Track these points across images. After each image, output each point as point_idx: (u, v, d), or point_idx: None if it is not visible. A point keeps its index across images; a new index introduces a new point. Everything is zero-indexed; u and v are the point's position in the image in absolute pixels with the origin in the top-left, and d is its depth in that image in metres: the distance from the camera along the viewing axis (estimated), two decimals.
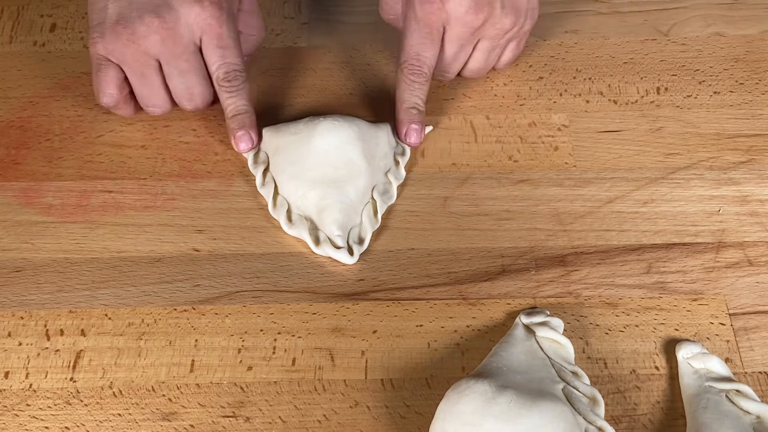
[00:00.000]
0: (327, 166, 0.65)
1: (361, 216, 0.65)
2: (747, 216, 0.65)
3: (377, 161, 0.67)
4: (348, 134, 0.66)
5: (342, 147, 0.65)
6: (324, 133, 0.66)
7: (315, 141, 0.65)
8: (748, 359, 0.58)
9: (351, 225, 0.64)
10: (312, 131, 0.66)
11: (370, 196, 0.66)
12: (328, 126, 0.66)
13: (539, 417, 0.49)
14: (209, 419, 0.56)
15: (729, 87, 0.74)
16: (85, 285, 0.62)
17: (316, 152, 0.65)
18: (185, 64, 0.66)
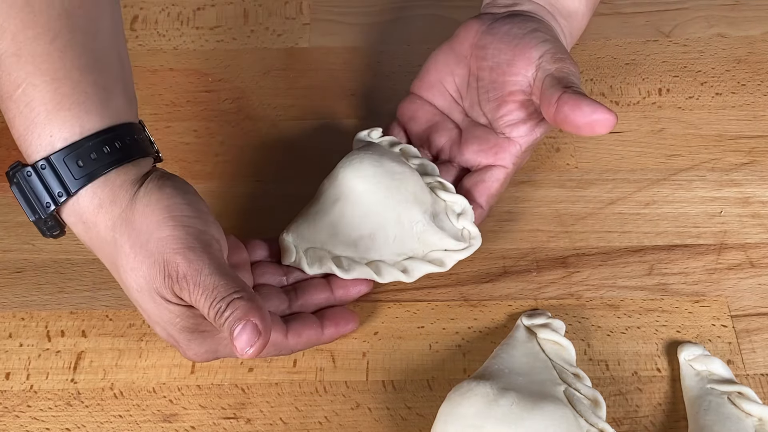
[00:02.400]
0: (392, 202, 0.60)
1: (438, 196, 0.62)
2: (749, 217, 0.65)
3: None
4: (373, 163, 0.61)
5: (383, 173, 0.60)
6: (360, 180, 0.60)
7: (360, 192, 0.60)
8: (750, 361, 0.58)
9: (446, 221, 0.62)
10: (348, 189, 0.60)
11: (426, 180, 0.62)
12: (354, 174, 0.60)
13: (541, 419, 0.49)
14: (210, 421, 0.56)
15: (731, 88, 0.73)
16: (86, 286, 0.62)
17: (371, 200, 0.60)
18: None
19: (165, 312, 0.52)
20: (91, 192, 0.51)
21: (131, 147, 0.52)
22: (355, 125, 0.72)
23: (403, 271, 0.60)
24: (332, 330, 0.58)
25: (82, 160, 0.50)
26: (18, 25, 0.49)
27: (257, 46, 0.78)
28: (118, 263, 0.52)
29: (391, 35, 0.79)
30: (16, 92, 0.50)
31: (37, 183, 0.51)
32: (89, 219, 0.51)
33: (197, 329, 0.53)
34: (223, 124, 0.72)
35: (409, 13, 0.81)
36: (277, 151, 0.70)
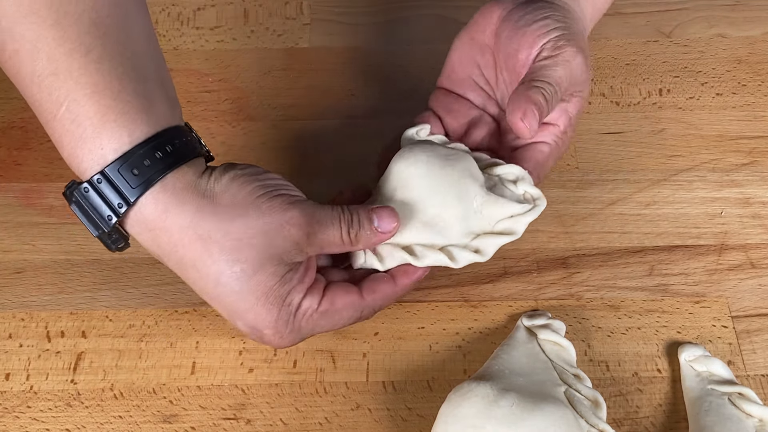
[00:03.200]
0: (449, 181, 0.58)
1: (490, 172, 0.60)
2: (749, 218, 0.65)
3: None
4: (418, 151, 0.60)
5: (433, 157, 0.59)
6: (413, 168, 0.59)
7: (415, 178, 0.58)
8: (750, 362, 0.58)
9: (505, 190, 0.60)
10: (404, 180, 0.59)
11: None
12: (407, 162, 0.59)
13: (541, 420, 0.49)
14: (210, 421, 0.56)
15: (731, 89, 0.73)
16: (86, 286, 0.62)
17: (428, 184, 0.58)
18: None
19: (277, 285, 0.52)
20: (153, 198, 0.50)
21: (182, 149, 0.52)
22: (356, 125, 0.72)
23: (475, 251, 0.58)
24: (405, 280, 0.57)
25: (137, 168, 0.50)
26: (51, 44, 0.49)
27: (257, 47, 0.78)
28: (200, 262, 0.51)
29: (392, 35, 0.79)
30: (60, 111, 0.50)
31: (96, 197, 0.50)
32: (157, 225, 0.51)
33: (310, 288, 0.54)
34: (223, 124, 0.72)
35: (410, 13, 0.81)
36: (278, 152, 0.70)
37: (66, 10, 0.49)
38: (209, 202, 0.51)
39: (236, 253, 0.51)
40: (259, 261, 0.51)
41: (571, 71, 0.59)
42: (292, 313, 0.53)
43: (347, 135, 0.71)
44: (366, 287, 0.56)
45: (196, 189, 0.51)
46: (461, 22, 0.79)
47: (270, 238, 0.51)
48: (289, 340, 0.54)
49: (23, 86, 0.51)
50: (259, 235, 0.51)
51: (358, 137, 0.71)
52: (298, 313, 0.53)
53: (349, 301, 0.55)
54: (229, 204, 0.51)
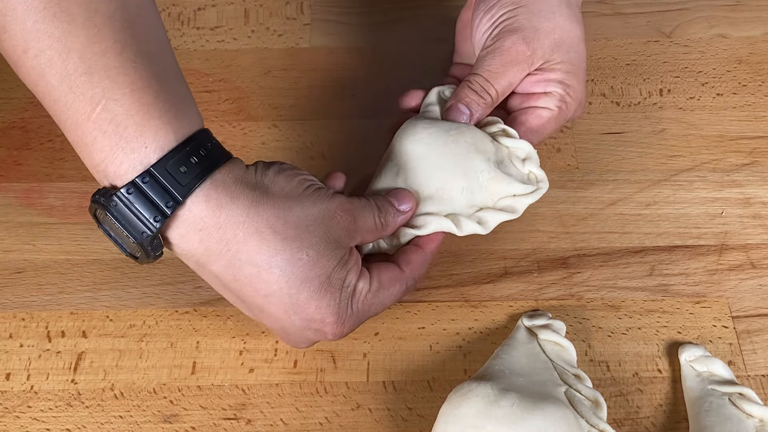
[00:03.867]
0: (454, 155, 0.59)
1: (501, 143, 0.60)
2: (750, 218, 0.65)
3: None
4: (424, 124, 0.60)
5: (438, 132, 0.59)
6: (417, 144, 0.59)
7: (420, 154, 0.59)
8: (751, 362, 0.58)
9: (511, 167, 0.60)
10: (408, 155, 0.59)
11: (488, 131, 0.61)
12: (412, 138, 0.60)
13: (542, 420, 0.49)
14: (210, 421, 0.56)
15: (732, 89, 0.73)
16: (87, 286, 0.62)
17: (433, 158, 0.59)
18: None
19: (337, 268, 0.52)
20: (204, 196, 0.49)
21: (219, 148, 0.51)
22: (356, 125, 0.72)
23: (478, 222, 0.58)
24: (431, 245, 0.58)
25: (185, 165, 0.49)
26: (83, 42, 0.47)
27: (258, 47, 0.78)
28: (259, 256, 0.50)
29: (392, 35, 0.79)
30: (95, 111, 0.48)
31: (140, 200, 0.48)
32: (208, 224, 0.49)
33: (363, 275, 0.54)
34: (223, 124, 0.72)
35: (410, 13, 0.81)
36: (278, 152, 0.70)
37: (97, 8, 0.47)
38: (262, 193, 0.51)
39: (299, 241, 0.51)
40: (321, 246, 0.51)
41: (509, 57, 0.61)
42: (350, 295, 0.53)
43: (347, 135, 0.71)
44: (401, 260, 0.57)
45: (246, 182, 0.51)
46: None
47: (326, 225, 0.52)
48: (349, 326, 0.54)
49: (49, 88, 0.48)
50: (316, 222, 0.51)
51: (358, 137, 0.71)
52: (355, 294, 0.53)
53: (393, 276, 0.55)
54: (282, 195, 0.51)
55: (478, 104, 0.61)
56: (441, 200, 0.58)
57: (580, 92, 0.63)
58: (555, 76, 0.62)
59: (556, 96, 0.62)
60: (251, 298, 0.52)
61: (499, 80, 0.62)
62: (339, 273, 0.52)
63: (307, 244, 0.51)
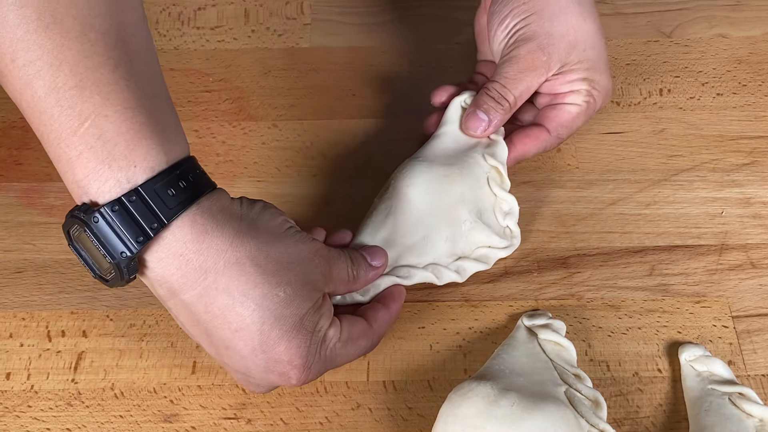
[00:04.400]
0: (441, 204, 0.61)
1: (491, 189, 0.63)
2: (750, 218, 0.65)
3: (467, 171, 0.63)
4: (423, 168, 0.62)
5: (432, 178, 0.62)
6: (412, 188, 0.61)
7: (413, 199, 0.61)
8: (751, 362, 0.58)
9: (492, 219, 0.63)
10: (400, 198, 0.61)
11: (485, 169, 0.63)
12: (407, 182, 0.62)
13: (542, 420, 0.49)
14: (211, 421, 0.56)
15: (732, 89, 0.73)
16: (87, 286, 0.62)
17: (423, 206, 0.61)
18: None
19: (311, 311, 0.51)
20: (190, 221, 0.48)
21: (206, 176, 0.51)
22: (356, 125, 0.72)
23: (456, 271, 0.61)
24: (395, 305, 0.58)
25: (173, 188, 0.48)
26: (75, 56, 0.46)
27: (258, 46, 0.78)
28: (235, 287, 0.49)
29: (392, 35, 0.79)
30: (83, 126, 0.46)
31: (124, 219, 0.47)
32: (190, 249, 0.48)
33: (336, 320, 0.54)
34: (223, 123, 0.72)
35: (410, 13, 0.81)
36: (278, 151, 0.70)
37: (92, 24, 0.46)
38: (247, 225, 0.50)
39: (278, 276, 0.50)
40: (298, 286, 0.50)
41: (525, 65, 0.64)
42: (320, 340, 0.52)
43: (347, 135, 0.71)
44: (369, 316, 0.56)
45: (232, 213, 0.50)
46: (461, 22, 0.79)
47: (305, 266, 0.51)
48: (314, 373, 0.52)
49: (35, 99, 0.46)
50: (296, 261, 0.51)
51: (359, 137, 0.71)
52: (325, 341, 0.52)
53: (362, 330, 0.55)
54: (266, 230, 0.51)
55: (496, 110, 0.64)
56: (424, 248, 0.60)
57: (605, 83, 0.66)
58: (576, 75, 0.64)
59: (582, 93, 0.65)
60: (220, 332, 0.50)
61: (516, 86, 0.64)
62: (312, 316, 0.51)
63: (286, 281, 0.50)
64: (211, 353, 0.53)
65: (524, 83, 0.64)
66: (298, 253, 0.51)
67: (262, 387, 0.54)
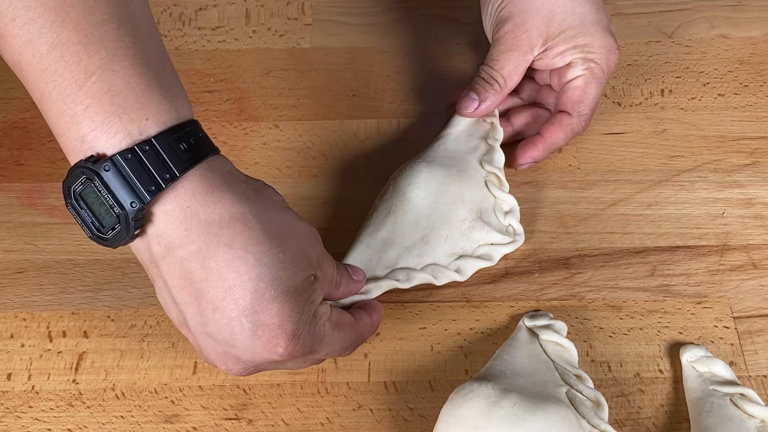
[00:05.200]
0: (441, 204, 0.62)
1: (490, 192, 0.64)
2: (751, 219, 0.65)
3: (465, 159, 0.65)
4: (424, 170, 0.63)
5: (432, 179, 0.62)
6: (412, 188, 0.62)
7: (413, 199, 0.62)
8: (752, 363, 0.58)
9: (492, 218, 0.63)
10: (401, 198, 0.62)
11: (483, 174, 0.64)
12: (408, 182, 0.62)
13: (543, 420, 0.49)
14: (212, 421, 0.56)
15: (733, 89, 0.73)
16: (88, 287, 0.62)
17: (422, 205, 0.61)
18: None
19: (306, 281, 0.50)
20: (200, 175, 0.48)
21: (210, 140, 0.51)
22: (357, 125, 0.72)
23: (456, 270, 0.61)
24: (376, 315, 0.57)
25: (185, 143, 0.48)
26: (79, 14, 0.45)
27: (259, 47, 0.78)
28: (238, 241, 0.48)
29: (393, 35, 0.79)
30: (90, 80, 0.45)
31: (137, 167, 0.46)
32: (199, 200, 0.48)
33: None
34: (225, 124, 0.72)
35: (411, 14, 0.81)
36: (279, 151, 0.70)
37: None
38: (253, 190, 0.50)
39: (279, 239, 0.49)
40: (297, 254, 0.50)
41: (506, 45, 0.65)
42: (312, 313, 0.51)
43: (348, 135, 0.71)
44: (354, 315, 0.56)
45: (239, 176, 0.50)
46: (461, 22, 0.79)
47: (303, 240, 0.51)
48: (301, 348, 0.50)
49: (36, 58, 0.46)
50: (295, 234, 0.51)
51: (359, 137, 0.71)
52: (316, 316, 0.51)
53: (350, 322, 0.55)
54: (269, 199, 0.51)
55: (486, 90, 0.65)
56: (423, 248, 0.61)
57: (601, 42, 0.66)
58: (564, 46, 0.65)
59: (578, 62, 0.65)
60: (212, 291, 0.48)
61: (503, 66, 0.65)
62: (308, 287, 0.51)
63: (286, 246, 0.49)
64: (193, 325, 0.50)
65: (510, 63, 0.65)
66: (298, 228, 0.51)
67: (243, 363, 0.51)
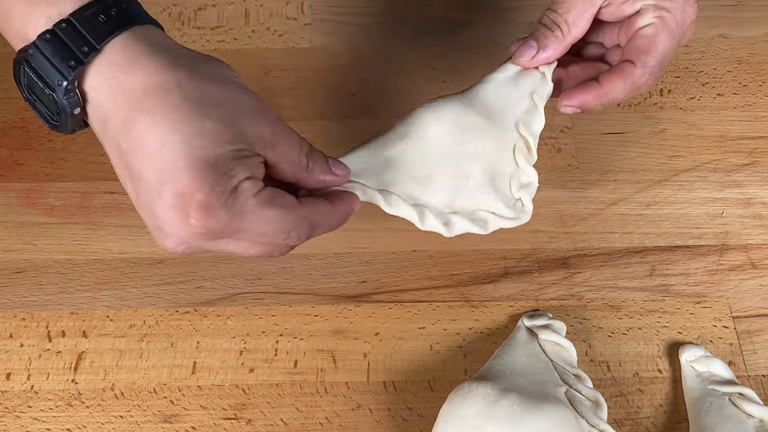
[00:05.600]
0: (456, 151, 0.58)
1: (515, 159, 0.59)
2: (750, 218, 0.65)
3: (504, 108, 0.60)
4: (453, 109, 0.58)
5: (459, 122, 0.58)
6: (434, 122, 0.57)
7: (430, 134, 0.57)
8: (751, 362, 0.58)
9: (504, 186, 0.58)
10: (419, 128, 0.58)
11: (514, 137, 0.59)
12: (432, 115, 0.58)
13: (542, 420, 0.49)
14: (211, 421, 0.56)
15: (732, 89, 0.73)
16: (87, 286, 0.62)
17: (438, 144, 0.57)
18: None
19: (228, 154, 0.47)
20: (122, 45, 0.47)
21: (144, 12, 0.50)
22: (356, 125, 0.72)
23: (445, 223, 0.57)
24: (341, 205, 0.53)
25: (104, 15, 0.47)
26: None
27: (258, 47, 0.78)
28: (156, 107, 0.47)
29: (392, 35, 0.79)
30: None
31: (57, 46, 0.47)
32: (123, 69, 0.47)
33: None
34: None
35: (410, 13, 0.81)
36: None
37: None
38: (186, 61, 0.49)
39: (204, 108, 0.47)
40: (223, 125, 0.47)
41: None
42: (231, 187, 0.47)
43: (348, 135, 0.71)
44: (303, 200, 0.51)
45: (171, 46, 0.49)
46: (462, 22, 0.79)
47: (239, 114, 0.48)
48: (216, 220, 0.47)
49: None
50: (230, 105, 0.48)
51: (358, 137, 0.71)
52: (237, 191, 0.47)
53: (289, 203, 0.50)
54: (205, 71, 0.49)
55: (547, 37, 0.60)
56: (422, 187, 0.56)
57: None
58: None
59: (649, 8, 0.60)
60: (135, 161, 0.47)
61: (567, 11, 0.60)
62: (230, 161, 0.47)
63: (210, 115, 0.47)
64: (133, 201, 0.49)
65: (577, 8, 0.60)
66: (236, 100, 0.49)
67: (172, 238, 0.48)
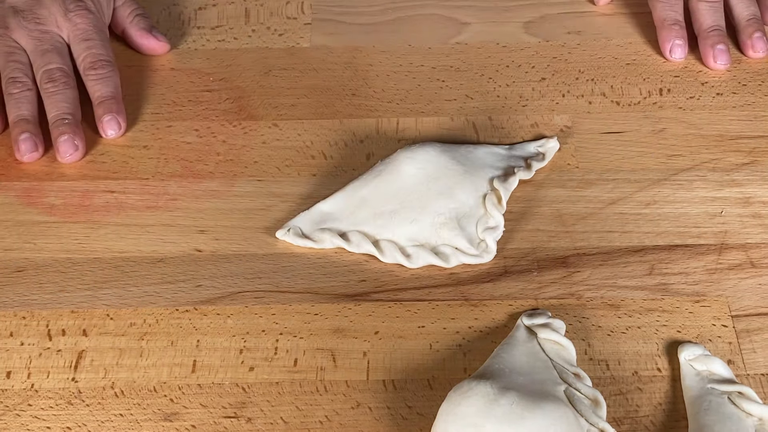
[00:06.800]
0: (425, 188, 0.63)
1: (484, 205, 0.63)
2: (750, 218, 0.65)
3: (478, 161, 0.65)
4: (430, 151, 0.64)
5: (433, 163, 0.63)
6: (408, 161, 0.63)
7: (403, 171, 0.62)
8: (750, 361, 0.58)
9: (470, 226, 0.63)
10: (395, 166, 0.63)
11: (486, 187, 0.64)
12: (408, 154, 0.64)
13: (541, 419, 0.49)
14: (211, 420, 0.56)
15: (732, 88, 0.73)
16: (87, 285, 0.62)
17: (409, 181, 0.62)
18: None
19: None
20: None
21: None
22: (356, 125, 0.72)
23: (406, 256, 0.61)
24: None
25: None
26: None
27: (258, 46, 0.78)
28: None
29: (392, 35, 0.79)
30: None
31: None
32: None
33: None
34: (224, 123, 0.72)
35: (410, 13, 0.81)
36: (278, 151, 0.71)
37: None
38: None
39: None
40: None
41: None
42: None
43: (347, 135, 0.72)
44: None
45: None
46: (461, 22, 0.80)
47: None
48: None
49: None
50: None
51: (358, 137, 0.71)
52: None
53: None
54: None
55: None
56: (387, 221, 0.61)
57: None
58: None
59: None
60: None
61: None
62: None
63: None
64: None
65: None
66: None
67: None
